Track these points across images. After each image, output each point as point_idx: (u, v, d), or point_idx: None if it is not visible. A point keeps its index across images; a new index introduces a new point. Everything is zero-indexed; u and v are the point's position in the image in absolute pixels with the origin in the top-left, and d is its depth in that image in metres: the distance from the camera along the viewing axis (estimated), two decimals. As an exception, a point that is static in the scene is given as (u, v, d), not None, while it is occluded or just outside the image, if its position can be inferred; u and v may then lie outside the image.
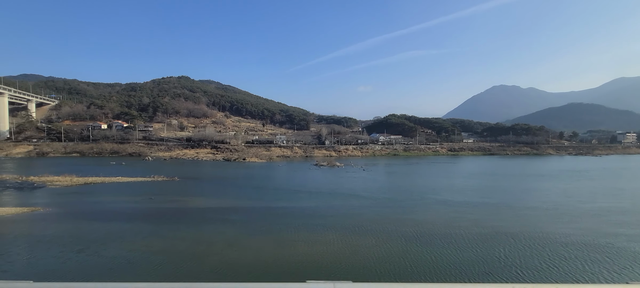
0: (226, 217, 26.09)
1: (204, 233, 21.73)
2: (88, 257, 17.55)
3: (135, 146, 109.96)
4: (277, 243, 19.60)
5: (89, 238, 20.56)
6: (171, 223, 24.39)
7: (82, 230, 22.66)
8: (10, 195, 36.65)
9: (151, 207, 30.30)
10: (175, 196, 36.13)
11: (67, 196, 36.12)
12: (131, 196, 36.73)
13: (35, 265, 16.33)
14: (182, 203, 32.29)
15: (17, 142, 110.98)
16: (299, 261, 16.64)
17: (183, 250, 18.41)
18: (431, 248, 18.39)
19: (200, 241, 20.16)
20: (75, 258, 17.37)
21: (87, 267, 16.06)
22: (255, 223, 24.26)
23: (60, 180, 47.40)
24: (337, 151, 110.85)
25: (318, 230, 22.23)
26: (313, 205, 31.00)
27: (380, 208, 29.35)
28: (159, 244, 19.62)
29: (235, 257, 17.30)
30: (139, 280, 15.48)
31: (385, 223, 24.12)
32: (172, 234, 21.62)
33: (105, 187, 43.40)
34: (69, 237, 20.94)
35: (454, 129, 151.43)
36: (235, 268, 15.76)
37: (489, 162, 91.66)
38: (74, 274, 15.29)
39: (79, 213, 27.87)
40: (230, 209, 29.25)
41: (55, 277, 15.09)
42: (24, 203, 31.64)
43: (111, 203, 32.43)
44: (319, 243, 19.52)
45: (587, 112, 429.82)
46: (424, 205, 30.72)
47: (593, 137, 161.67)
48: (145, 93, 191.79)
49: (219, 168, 70.49)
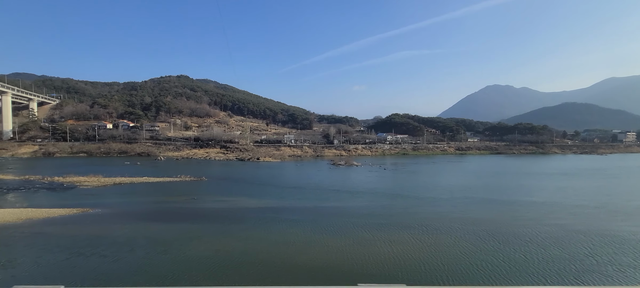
0: (285, 217, 26.05)
1: (274, 233, 21.66)
2: (177, 257, 17.44)
3: (143, 146, 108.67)
4: (356, 243, 19.62)
5: (164, 239, 20.41)
6: (235, 223, 24.28)
7: (151, 230, 22.45)
8: (46, 196, 36.05)
9: (203, 207, 30.12)
10: (217, 196, 35.88)
11: (106, 196, 35.67)
12: (171, 196, 36.46)
13: (133, 267, 16.16)
14: (229, 204, 32.08)
15: (21, 142, 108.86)
16: (387, 260, 16.70)
17: (267, 251, 18.32)
18: (514, 247, 18.60)
19: (277, 242, 20.10)
20: (165, 259, 17.25)
21: (186, 268, 15.91)
22: (319, 222, 24.26)
23: (88, 181, 46.73)
24: (347, 150, 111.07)
25: (387, 229, 22.36)
26: (363, 204, 31.14)
27: (432, 207, 29.58)
28: (238, 245, 19.54)
29: (324, 258, 17.23)
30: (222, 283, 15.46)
31: (448, 221, 24.36)
32: (245, 234, 21.55)
33: (137, 187, 42.92)
34: (143, 238, 20.76)
35: (459, 128, 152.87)
36: (331, 270, 15.73)
37: (502, 161, 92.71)
38: (179, 277, 15.13)
39: (133, 214, 27.58)
40: (283, 209, 29.19)
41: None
42: (66, 204, 31.15)
43: (158, 204, 32.15)
44: (397, 243, 19.60)
45: (580, 111, 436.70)
46: (473, 204, 31.05)
47: (593, 136, 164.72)
48: (147, 92, 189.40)
49: (237, 168, 70.12)
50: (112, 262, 16.78)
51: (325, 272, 15.40)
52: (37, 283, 14.24)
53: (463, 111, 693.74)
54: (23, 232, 22.28)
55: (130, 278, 15.03)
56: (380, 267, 15.89)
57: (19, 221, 25.24)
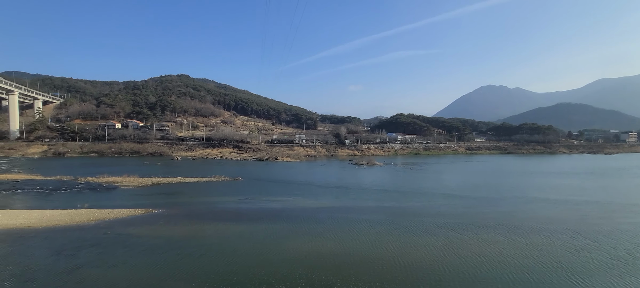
0: (357, 217, 26.19)
1: (362, 233, 21.75)
2: (290, 257, 17.48)
3: (154, 146, 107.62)
4: (449, 243, 19.80)
5: (257, 239, 20.44)
6: (312, 223, 24.26)
7: (235, 231, 22.43)
8: (94, 196, 35.60)
9: (265, 207, 30.12)
10: (268, 196, 35.81)
11: (154, 197, 35.35)
12: (222, 196, 36.23)
13: (254, 268, 16.17)
14: (286, 204, 32.02)
15: (29, 141, 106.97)
16: (504, 261, 16.98)
17: (371, 251, 18.49)
18: (611, 244, 19.03)
19: (372, 242, 20.23)
20: (277, 259, 17.30)
21: (308, 268, 15.96)
22: (397, 223, 24.47)
23: (125, 181, 46.25)
24: (360, 150, 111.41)
25: (469, 229, 22.64)
26: (422, 204, 31.49)
27: (493, 207, 30.05)
28: (332, 245, 19.65)
29: (431, 259, 17.43)
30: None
31: (523, 220, 24.79)
32: (331, 234, 21.56)
33: (178, 187, 42.64)
34: (236, 238, 20.76)
35: (465, 128, 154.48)
36: (453, 271, 15.95)
37: (517, 161, 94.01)
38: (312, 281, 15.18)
39: (200, 214, 27.48)
40: (348, 209, 29.38)
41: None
42: (123, 205, 30.89)
43: (216, 204, 31.95)
44: (491, 243, 19.85)
45: (575, 111, 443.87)
46: (528, 203, 31.69)
47: (596, 136, 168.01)
48: (150, 91, 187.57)
49: (261, 168, 69.91)
50: (225, 264, 16.77)
51: (450, 274, 15.57)
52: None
53: (458, 111, 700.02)
54: (106, 233, 22.04)
55: (263, 280, 15.03)
56: (500, 268, 16.09)
57: (90, 222, 24.99)
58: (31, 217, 26.11)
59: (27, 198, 34.87)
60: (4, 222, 24.60)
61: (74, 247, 19.31)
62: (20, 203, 31.66)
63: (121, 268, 16.39)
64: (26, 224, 24.13)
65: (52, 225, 24.15)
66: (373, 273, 15.46)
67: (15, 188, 39.53)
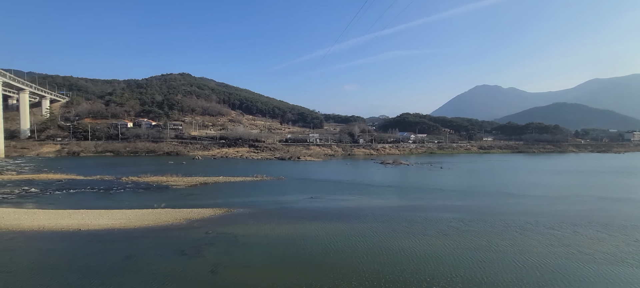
0: (447, 216, 26.56)
1: (478, 233, 22.19)
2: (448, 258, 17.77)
3: (169, 145, 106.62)
4: (562, 242, 20.35)
5: (379, 238, 20.62)
6: (404, 223, 24.51)
7: (340, 229, 22.54)
8: (155, 196, 35.31)
9: (343, 207, 30.37)
10: (333, 196, 35.95)
11: (214, 196, 35.28)
12: (283, 195, 36.16)
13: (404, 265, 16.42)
14: (357, 203, 32.22)
15: (41, 141, 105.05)
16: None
17: (508, 253, 18.91)
18: None
19: (504, 246, 20.63)
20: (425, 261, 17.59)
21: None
22: (493, 222, 24.90)
23: (172, 180, 45.94)
24: (375, 149, 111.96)
25: (570, 227, 23.19)
26: (495, 203, 32.07)
27: (565, 205, 30.76)
28: (454, 244, 19.98)
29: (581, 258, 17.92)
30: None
31: (609, 218, 25.45)
32: (446, 236, 21.89)
33: (228, 187, 42.61)
34: (355, 237, 20.90)
35: (474, 128, 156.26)
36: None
37: (534, 159, 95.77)
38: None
39: (279, 213, 27.65)
40: (426, 208, 29.83)
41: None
42: (195, 204, 30.77)
43: (285, 203, 31.90)
44: (597, 241, 20.41)
45: (570, 111, 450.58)
46: (602, 202, 32.46)
47: (602, 135, 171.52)
48: (155, 90, 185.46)
49: (290, 167, 69.83)
50: (368, 263, 16.96)
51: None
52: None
53: (454, 111, 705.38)
54: (208, 233, 21.96)
55: (418, 278, 15.28)
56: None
57: (181, 221, 24.90)
58: (116, 217, 25.87)
59: (89, 198, 34.44)
60: (95, 221, 24.35)
61: (192, 247, 19.28)
62: (88, 203, 31.25)
63: (263, 269, 16.45)
64: (119, 224, 23.93)
65: (146, 225, 24.00)
66: (516, 270, 15.89)
67: (67, 188, 38.95)
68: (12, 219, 24.86)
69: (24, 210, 27.24)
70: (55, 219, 24.89)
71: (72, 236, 21.28)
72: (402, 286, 14.25)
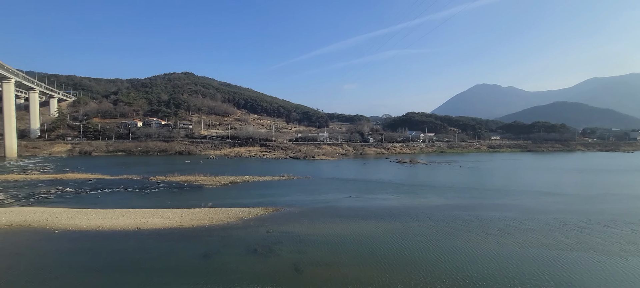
0: (498, 215, 26.73)
1: (540, 232, 22.41)
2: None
3: (181, 144, 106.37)
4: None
5: (451, 237, 20.76)
6: (456, 222, 24.66)
7: (396, 228, 22.68)
8: (193, 195, 35.33)
9: (385, 206, 30.49)
10: (369, 195, 36.13)
11: (249, 195, 35.27)
12: (319, 194, 36.19)
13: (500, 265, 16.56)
14: (400, 202, 32.33)
15: (51, 140, 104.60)
16: None
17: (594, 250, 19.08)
18: None
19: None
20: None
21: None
22: (548, 221, 25.12)
23: (201, 180, 45.90)
24: (386, 148, 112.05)
25: (632, 226, 23.40)
26: (535, 202, 32.24)
27: (610, 204, 31.01)
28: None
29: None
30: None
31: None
32: (509, 235, 22.05)
33: (259, 186, 42.71)
34: (426, 235, 21.04)
35: (482, 127, 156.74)
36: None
37: (551, 158, 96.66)
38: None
39: (331, 212, 27.71)
40: (470, 207, 30.02)
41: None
42: (238, 204, 30.78)
43: (328, 202, 31.96)
44: None
45: (571, 110, 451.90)
46: (637, 201, 32.64)
47: (608, 135, 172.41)
48: (160, 89, 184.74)
49: (310, 166, 69.89)
50: (449, 262, 17.10)
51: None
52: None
53: (453, 109, 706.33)
54: (269, 232, 22.07)
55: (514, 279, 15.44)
56: None
57: (236, 221, 24.99)
58: (169, 216, 25.89)
59: (128, 197, 34.40)
60: (151, 221, 24.35)
61: (262, 246, 19.37)
62: (130, 202, 31.22)
63: (344, 267, 16.53)
64: (176, 224, 23.96)
65: (203, 224, 24.05)
66: (600, 270, 16.11)
67: (101, 188, 38.86)
68: (67, 219, 24.83)
69: (75, 210, 27.19)
70: (109, 219, 24.88)
71: (136, 235, 21.31)
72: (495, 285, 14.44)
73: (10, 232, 22.00)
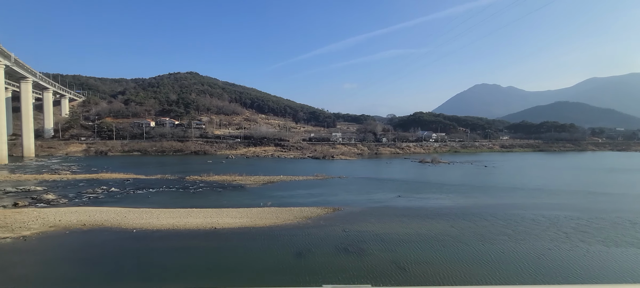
0: (554, 214, 26.96)
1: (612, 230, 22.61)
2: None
3: (196, 144, 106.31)
4: None
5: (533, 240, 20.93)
6: (517, 222, 24.86)
7: (462, 227, 22.85)
8: (243, 195, 35.47)
9: (437, 206, 30.80)
10: (415, 195, 36.37)
11: (295, 195, 35.37)
12: (367, 194, 36.38)
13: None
14: (449, 202, 32.50)
15: (65, 140, 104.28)
16: None
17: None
18: None
19: None
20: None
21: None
22: (613, 220, 25.36)
23: (240, 179, 46.00)
24: (400, 148, 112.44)
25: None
26: (586, 201, 32.47)
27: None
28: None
29: None
30: None
31: None
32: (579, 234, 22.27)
33: (298, 185, 43.00)
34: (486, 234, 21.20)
35: (491, 127, 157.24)
36: None
37: (567, 157, 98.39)
38: None
39: (389, 212, 27.90)
40: (521, 206, 30.31)
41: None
42: (293, 203, 30.94)
43: (380, 202, 32.14)
44: None
45: (572, 110, 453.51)
46: None
47: (616, 135, 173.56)
48: (168, 89, 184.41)
49: (333, 166, 70.09)
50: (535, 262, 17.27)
51: None
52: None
53: (454, 109, 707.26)
54: (345, 231, 22.25)
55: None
56: None
57: (305, 220, 25.17)
58: (236, 216, 26.01)
59: (178, 196, 34.51)
60: (222, 220, 24.43)
61: (349, 244, 19.55)
62: (185, 202, 31.31)
63: (443, 265, 16.69)
64: (247, 223, 24.07)
65: (273, 223, 24.19)
66: None
67: (146, 188, 38.86)
68: (135, 218, 24.88)
69: (140, 210, 27.25)
70: (179, 218, 24.95)
71: (217, 235, 21.39)
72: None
73: (89, 231, 22.02)
